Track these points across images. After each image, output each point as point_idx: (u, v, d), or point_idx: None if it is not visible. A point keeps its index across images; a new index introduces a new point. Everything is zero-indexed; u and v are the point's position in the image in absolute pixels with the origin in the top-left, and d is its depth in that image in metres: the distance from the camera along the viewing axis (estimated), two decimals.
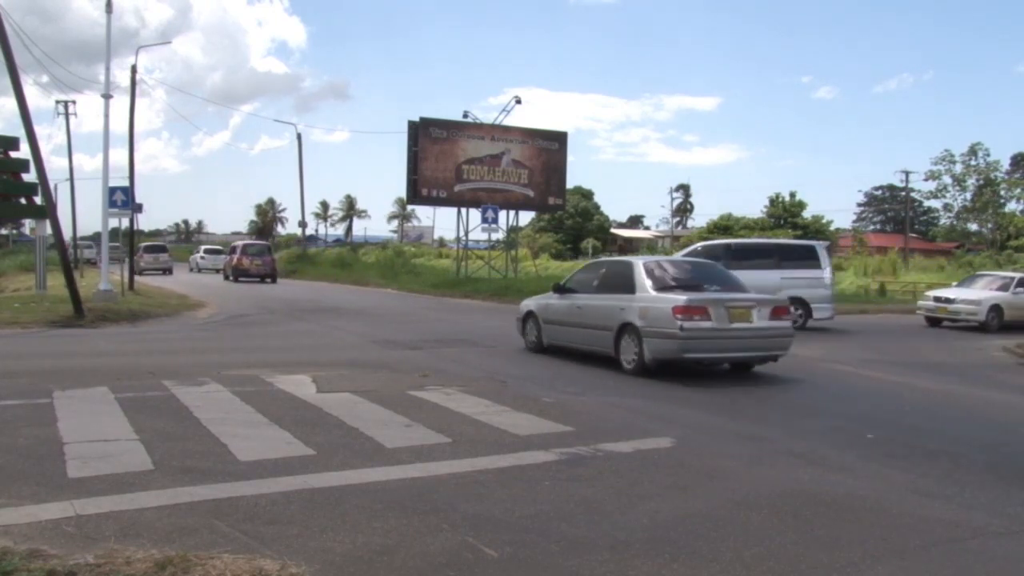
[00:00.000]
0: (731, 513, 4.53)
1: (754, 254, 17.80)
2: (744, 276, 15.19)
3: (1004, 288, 20.11)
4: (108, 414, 6.57)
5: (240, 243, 37.65)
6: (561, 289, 11.82)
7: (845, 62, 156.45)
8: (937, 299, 20.41)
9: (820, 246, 17.90)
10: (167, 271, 38.49)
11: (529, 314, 12.35)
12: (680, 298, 9.50)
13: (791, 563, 3.82)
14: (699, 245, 19.33)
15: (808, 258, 17.26)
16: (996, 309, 19.40)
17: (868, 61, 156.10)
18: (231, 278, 33.88)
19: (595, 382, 9.22)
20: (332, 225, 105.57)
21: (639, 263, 10.76)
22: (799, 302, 16.77)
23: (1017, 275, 21.59)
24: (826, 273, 16.99)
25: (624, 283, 10.47)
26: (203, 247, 49.97)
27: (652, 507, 4.60)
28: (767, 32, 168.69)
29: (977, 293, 20.10)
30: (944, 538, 4.28)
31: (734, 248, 18.17)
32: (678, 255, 18.63)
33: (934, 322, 20.24)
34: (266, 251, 35.99)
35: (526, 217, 48.24)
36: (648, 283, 10.11)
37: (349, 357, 10.80)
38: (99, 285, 19.86)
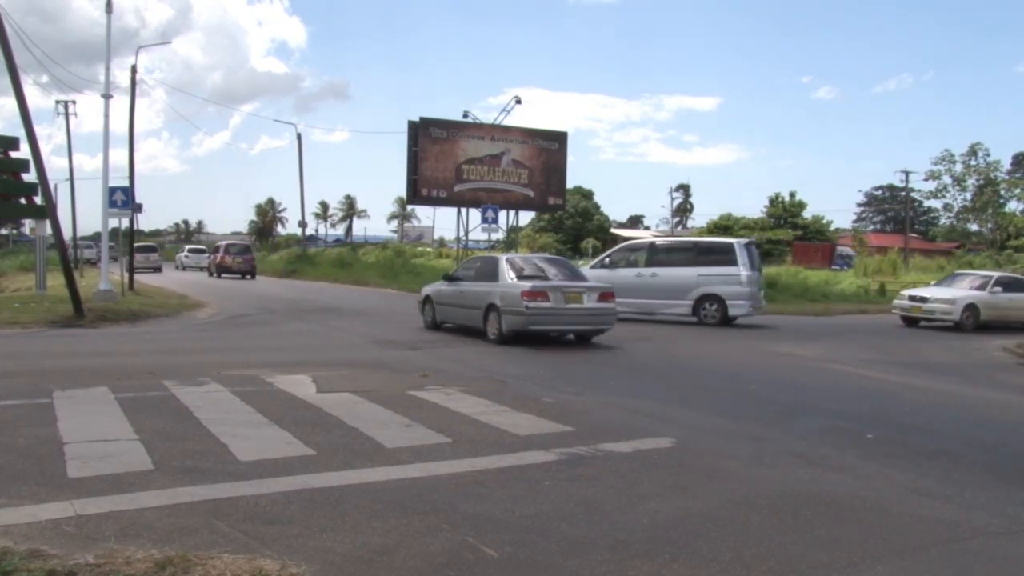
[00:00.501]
0: (731, 513, 4.53)
1: (675, 252, 18.84)
2: (665, 272, 17.57)
3: (982, 287, 19.78)
4: (108, 414, 6.56)
5: (223, 243, 40.54)
6: (450, 278, 14.77)
7: (845, 62, 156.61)
8: (912, 298, 20.08)
9: (740, 244, 18.08)
10: (157, 269, 40.62)
11: (427, 298, 15.16)
12: (526, 285, 12.34)
13: (791, 563, 3.82)
14: (630, 243, 20.76)
15: (725, 256, 17.60)
16: (971, 308, 19.11)
17: (868, 61, 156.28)
18: (215, 275, 36.07)
19: (595, 382, 9.23)
20: (332, 225, 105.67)
21: (503, 258, 13.73)
22: (715, 298, 17.28)
23: (995, 274, 21.22)
24: (742, 270, 17.18)
25: (492, 273, 13.25)
26: (187, 247, 54.70)
27: (652, 507, 4.60)
28: (767, 32, 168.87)
29: (952, 292, 19.77)
30: (944, 538, 4.29)
31: (657, 247, 19.46)
32: (613, 249, 20.39)
33: (911, 322, 19.88)
34: (246, 250, 38.77)
35: (526, 217, 48.38)
36: (510, 273, 12.90)
37: (349, 357, 10.80)
38: (99, 285, 19.85)
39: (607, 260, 18.80)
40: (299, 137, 46.91)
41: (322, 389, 8.01)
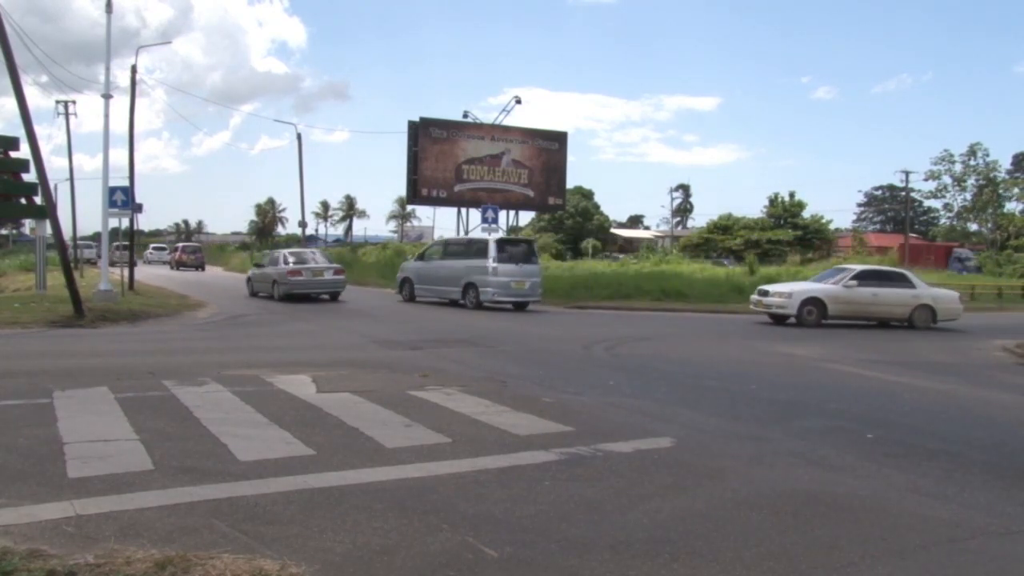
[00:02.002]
0: (731, 513, 4.53)
1: (457, 247, 23.36)
2: (449, 264, 22.50)
3: (838, 281, 19.13)
4: (108, 414, 6.56)
5: (180, 244, 55.64)
6: (257, 265, 25.26)
7: (845, 62, 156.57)
8: (759, 292, 19.58)
9: (493, 240, 21.93)
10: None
11: (248, 278, 25.17)
12: (291, 267, 22.07)
13: (791, 563, 3.82)
14: (438, 239, 27.28)
15: (482, 251, 21.30)
16: (814, 302, 18.45)
17: (867, 61, 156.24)
18: (175, 268, 46.15)
19: (595, 382, 9.23)
20: (332, 225, 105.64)
21: (283, 251, 24.64)
22: (473, 285, 20.91)
23: (857, 267, 20.50)
24: (490, 263, 20.69)
25: (277, 261, 23.21)
26: (152, 245, 66.18)
27: (652, 507, 4.60)
28: (767, 32, 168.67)
29: (794, 286, 19.46)
30: (944, 538, 4.29)
31: (448, 243, 24.99)
32: (428, 245, 26.62)
33: (777, 319, 18.96)
34: (197, 250, 50.78)
35: (526, 217, 48.40)
36: (287, 259, 22.71)
37: (349, 357, 10.80)
38: (99, 285, 19.86)
39: (422, 254, 24.33)
40: (299, 137, 46.95)
41: (322, 389, 8.01)
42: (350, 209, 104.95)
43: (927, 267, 46.44)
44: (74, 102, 50.27)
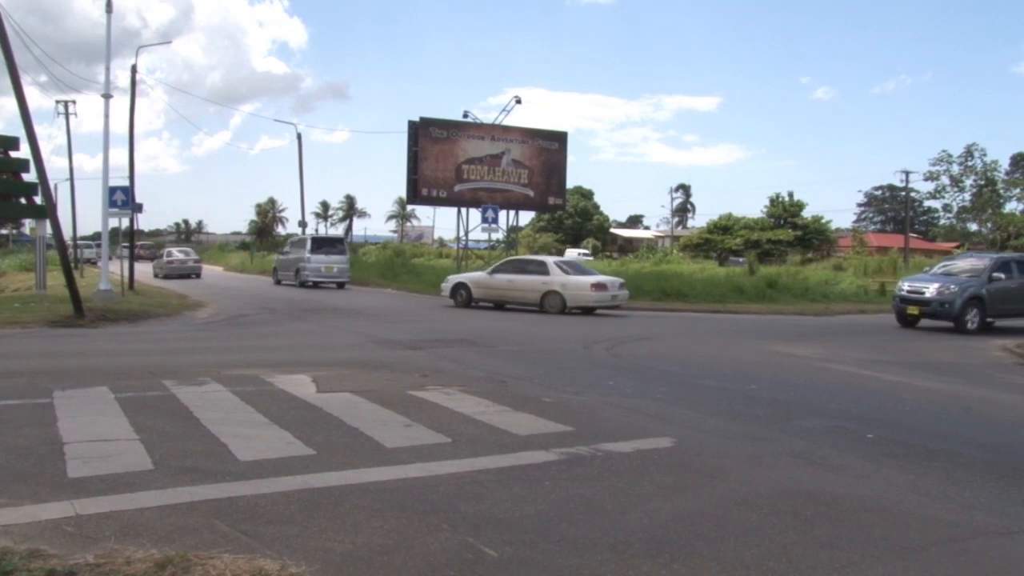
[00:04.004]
0: (731, 513, 4.53)
1: (295, 244, 31.82)
2: (291, 255, 30.71)
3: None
4: (108, 414, 6.56)
5: (140, 243, 72.39)
6: (157, 258, 37.72)
7: (845, 62, 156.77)
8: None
9: (308, 238, 31.26)
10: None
11: (153, 265, 36.46)
12: (170, 257, 36.29)
13: (791, 563, 3.82)
14: (291, 238, 37.10)
15: (303, 245, 29.92)
16: (462, 287, 21.16)
17: (867, 61, 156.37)
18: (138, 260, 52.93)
19: (595, 382, 9.23)
20: (332, 225, 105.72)
21: (170, 248, 41.18)
22: (299, 270, 28.84)
23: (513, 258, 23.09)
24: (306, 253, 28.86)
25: (165, 255, 36.94)
26: (122, 244, 77.43)
27: (652, 507, 4.60)
28: (767, 32, 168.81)
29: (458, 276, 22.43)
30: (944, 538, 4.28)
31: (292, 242, 33.32)
32: (289, 241, 35.76)
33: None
34: (154, 247, 58.39)
35: (526, 217, 48.40)
36: (170, 253, 37.02)
37: (349, 357, 10.79)
38: (99, 285, 19.87)
39: (284, 250, 32.95)
40: (299, 137, 47.13)
41: (322, 389, 8.01)
42: (350, 209, 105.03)
43: None
44: (74, 102, 50.42)
